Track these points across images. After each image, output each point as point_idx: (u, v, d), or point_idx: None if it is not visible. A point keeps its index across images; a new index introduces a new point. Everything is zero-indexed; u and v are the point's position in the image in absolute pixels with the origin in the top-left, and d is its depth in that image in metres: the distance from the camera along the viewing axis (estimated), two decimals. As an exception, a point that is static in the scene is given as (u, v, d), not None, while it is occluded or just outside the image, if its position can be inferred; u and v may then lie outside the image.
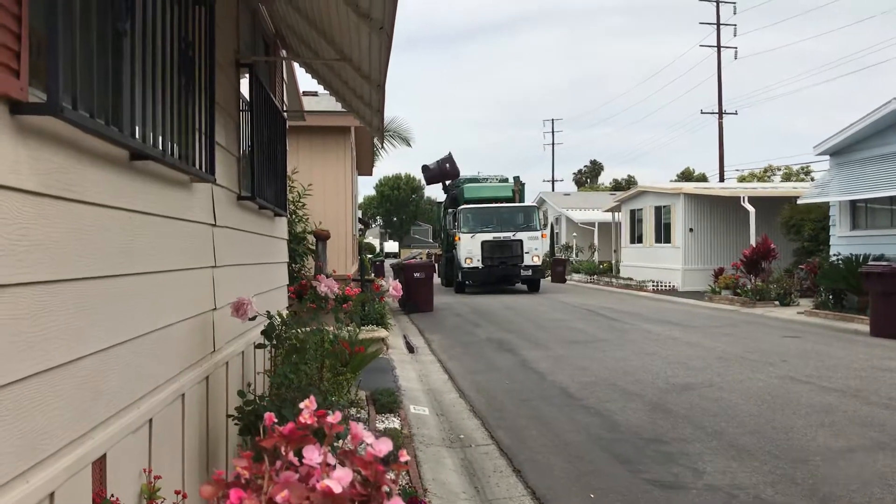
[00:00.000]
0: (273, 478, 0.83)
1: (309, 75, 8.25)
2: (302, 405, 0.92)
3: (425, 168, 30.76)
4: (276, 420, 0.92)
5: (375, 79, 5.44)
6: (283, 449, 0.87)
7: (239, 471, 0.88)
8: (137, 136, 2.89)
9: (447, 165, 30.08)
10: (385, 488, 0.83)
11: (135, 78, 2.87)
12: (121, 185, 2.88)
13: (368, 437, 0.92)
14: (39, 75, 2.20)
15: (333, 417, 0.90)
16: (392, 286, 4.96)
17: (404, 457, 0.93)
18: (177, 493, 3.29)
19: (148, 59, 3.05)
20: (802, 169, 45.38)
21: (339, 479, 0.80)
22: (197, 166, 3.88)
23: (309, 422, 0.86)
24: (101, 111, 2.49)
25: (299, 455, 0.89)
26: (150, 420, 3.23)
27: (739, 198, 23.76)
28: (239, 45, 5.59)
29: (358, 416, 6.50)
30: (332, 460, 0.89)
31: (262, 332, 4.58)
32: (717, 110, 39.34)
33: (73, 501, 2.38)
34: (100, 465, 2.67)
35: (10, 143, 2.03)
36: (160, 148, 3.20)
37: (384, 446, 0.87)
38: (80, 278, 2.46)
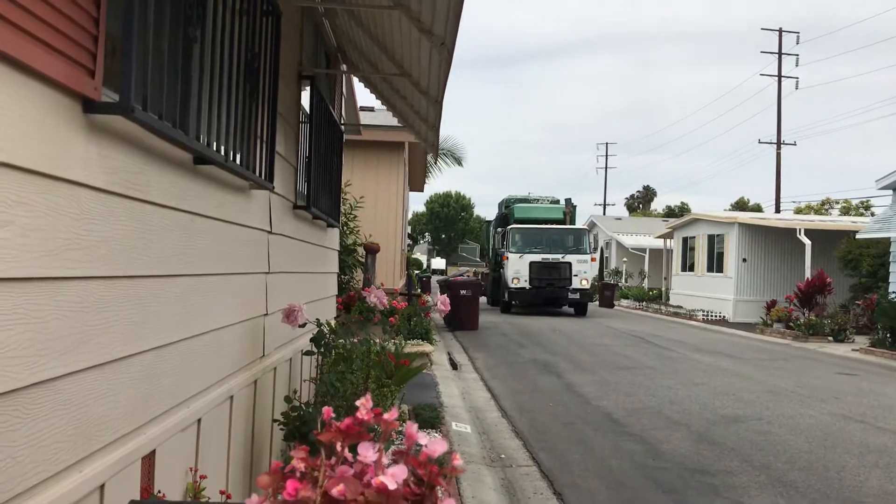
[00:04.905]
0: (329, 472, 0.84)
1: (367, 90, 8.36)
2: (359, 402, 0.93)
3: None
4: (333, 415, 0.93)
5: (433, 94, 5.48)
6: (338, 444, 0.88)
7: (295, 463, 0.89)
8: (202, 140, 2.96)
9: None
10: (439, 489, 0.84)
11: (202, 84, 2.95)
12: (184, 187, 2.94)
13: (423, 439, 0.92)
14: (112, 77, 2.27)
15: (390, 415, 0.90)
16: (440, 300, 4.97)
17: (457, 460, 0.93)
18: (221, 493, 3.33)
19: (216, 66, 3.13)
20: (862, 203, 44.36)
21: (394, 476, 0.81)
22: (257, 173, 3.95)
23: (366, 418, 0.87)
24: (169, 114, 2.56)
25: (354, 452, 0.90)
26: (199, 420, 3.27)
27: (795, 230, 23.28)
28: (302, 57, 5.69)
29: (400, 429, 6.51)
30: (385, 459, 0.90)
31: (311, 340, 4.63)
32: (775, 140, 38.70)
33: (121, 494, 2.42)
34: (149, 461, 2.72)
35: (81, 140, 2.09)
36: (222, 153, 3.27)
37: (439, 447, 0.87)
38: (141, 276, 2.52)
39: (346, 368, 4.26)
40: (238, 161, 3.57)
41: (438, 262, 78.84)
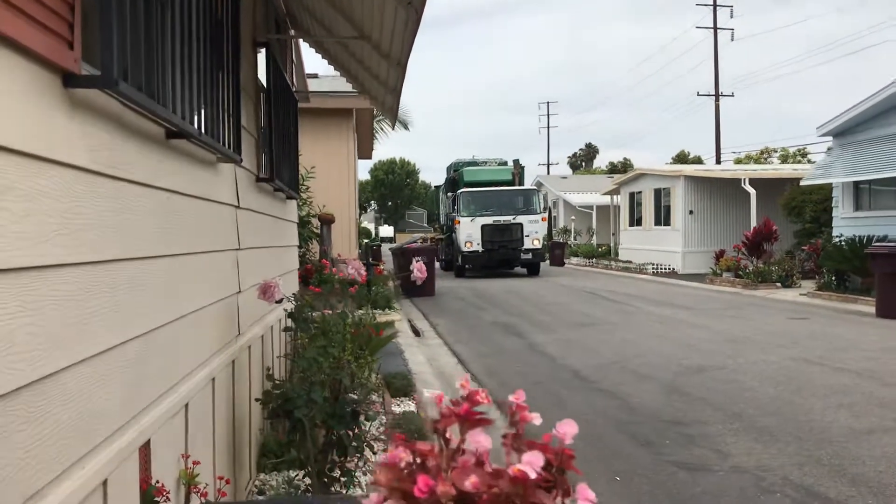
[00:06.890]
0: (452, 463, 0.76)
1: (319, 55, 8.14)
2: (458, 384, 0.86)
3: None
4: (446, 399, 0.85)
5: (396, 56, 5.34)
6: (448, 433, 0.81)
7: (400, 453, 0.81)
8: (177, 113, 2.81)
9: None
10: (570, 474, 0.77)
11: (174, 54, 2.79)
12: (159, 163, 2.80)
13: (537, 419, 0.85)
14: (87, 49, 2.12)
15: (517, 396, 0.83)
16: (416, 268, 4.90)
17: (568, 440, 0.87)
18: (220, 478, 3.23)
19: (184, 35, 2.96)
20: (799, 151, 45.36)
21: (531, 463, 0.74)
22: (224, 146, 3.80)
23: (485, 402, 0.80)
24: (147, 87, 2.41)
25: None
26: (187, 405, 3.17)
27: (740, 180, 23.70)
28: (255, 23, 5.49)
29: (374, 399, 6.44)
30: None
31: (289, 316, 4.52)
32: (713, 93, 39.24)
33: (123, 487, 2.32)
34: (145, 451, 2.61)
35: (63, 117, 1.95)
36: (195, 126, 3.12)
37: (569, 429, 0.81)
38: (127, 258, 2.40)
39: (328, 342, 4.16)
40: (207, 133, 3.42)
41: (386, 230, 78.53)
